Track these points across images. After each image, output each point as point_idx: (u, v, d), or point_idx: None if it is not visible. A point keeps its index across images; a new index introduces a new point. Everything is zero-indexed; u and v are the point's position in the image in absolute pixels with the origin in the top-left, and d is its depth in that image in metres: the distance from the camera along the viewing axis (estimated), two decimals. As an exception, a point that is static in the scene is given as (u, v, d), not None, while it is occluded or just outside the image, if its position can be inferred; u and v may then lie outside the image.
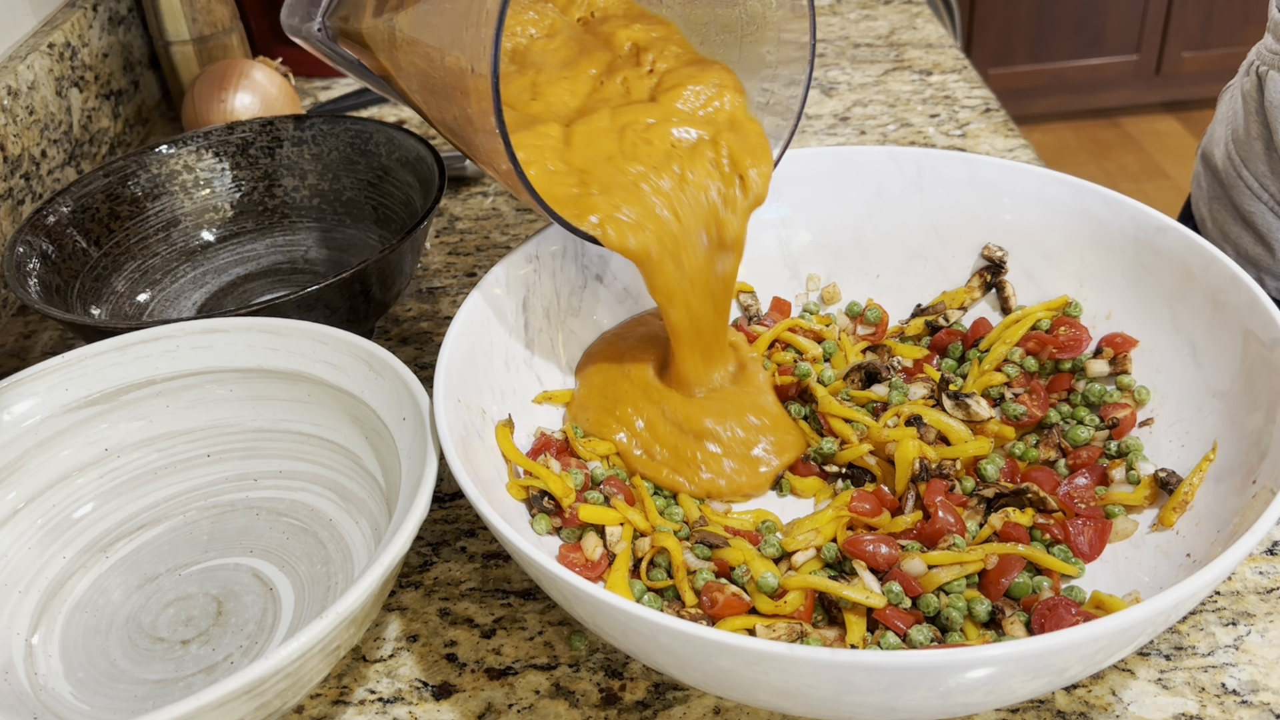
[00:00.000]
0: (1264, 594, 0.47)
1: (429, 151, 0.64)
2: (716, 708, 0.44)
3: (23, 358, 0.68)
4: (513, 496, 0.48)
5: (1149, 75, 2.58)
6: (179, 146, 0.68)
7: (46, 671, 0.45)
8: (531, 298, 0.54)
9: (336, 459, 0.52)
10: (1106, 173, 2.48)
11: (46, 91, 0.78)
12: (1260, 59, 0.77)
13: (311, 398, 0.52)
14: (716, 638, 0.34)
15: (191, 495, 0.52)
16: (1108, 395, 0.52)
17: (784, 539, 0.47)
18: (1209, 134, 0.86)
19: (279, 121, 0.70)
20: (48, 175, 0.77)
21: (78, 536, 0.50)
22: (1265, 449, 0.43)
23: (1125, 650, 0.37)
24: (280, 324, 0.51)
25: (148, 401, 0.52)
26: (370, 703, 0.45)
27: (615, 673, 0.45)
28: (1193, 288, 0.51)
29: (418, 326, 0.68)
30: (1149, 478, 0.48)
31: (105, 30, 0.88)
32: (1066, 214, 0.56)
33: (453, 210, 0.80)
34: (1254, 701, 0.42)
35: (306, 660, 0.37)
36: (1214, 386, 0.48)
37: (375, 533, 0.48)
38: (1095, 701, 0.43)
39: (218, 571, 0.49)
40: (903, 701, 0.35)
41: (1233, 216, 0.81)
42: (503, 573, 0.51)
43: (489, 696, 0.45)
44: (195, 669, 0.45)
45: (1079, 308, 0.56)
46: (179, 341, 0.52)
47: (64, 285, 0.61)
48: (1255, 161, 0.77)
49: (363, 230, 0.69)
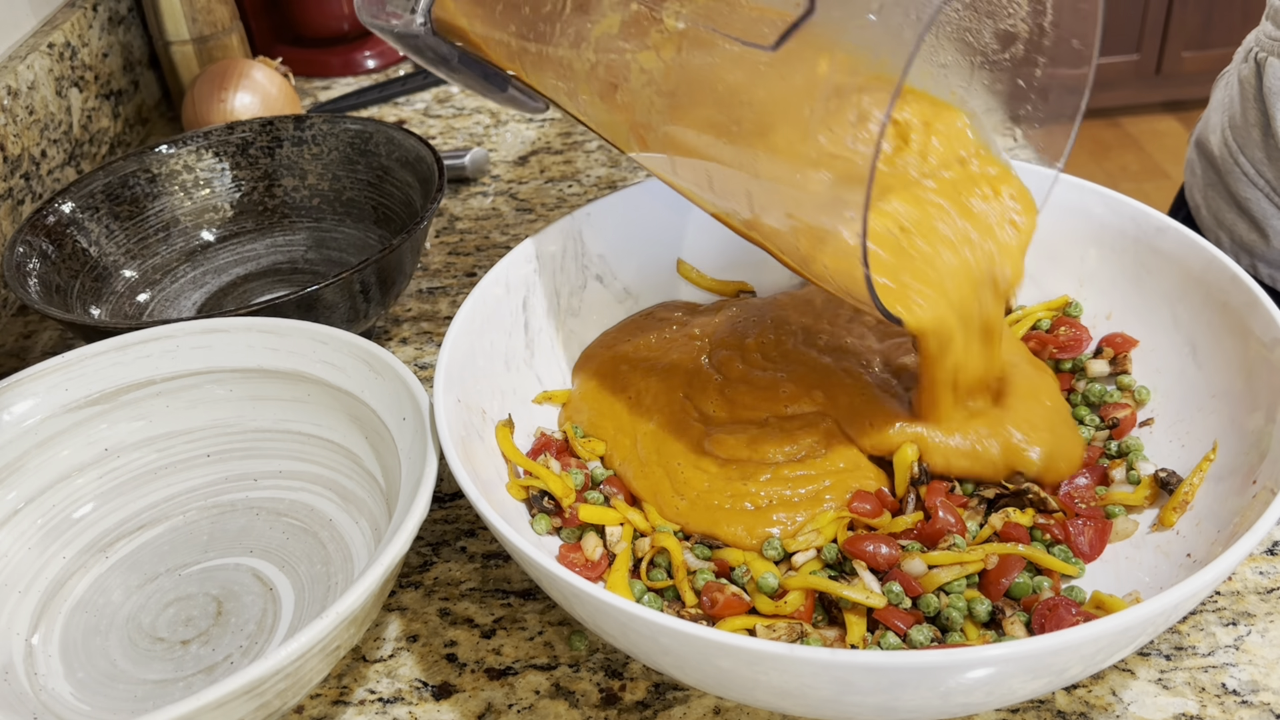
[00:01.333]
0: (1264, 594, 0.47)
1: (429, 151, 0.64)
2: (716, 708, 0.44)
3: (23, 358, 0.68)
4: (513, 496, 0.48)
5: (1149, 75, 2.58)
6: (179, 146, 0.68)
7: (46, 672, 0.45)
8: (531, 298, 0.54)
9: (336, 459, 0.52)
10: (1107, 173, 2.48)
11: (46, 91, 0.78)
12: (1259, 45, 0.76)
13: (311, 398, 0.52)
14: (716, 638, 0.34)
15: (191, 495, 0.52)
16: (1108, 395, 0.52)
17: (784, 539, 0.47)
18: (1203, 121, 0.86)
19: (279, 121, 0.70)
20: (48, 175, 0.77)
21: (77, 537, 0.50)
22: (1265, 449, 0.43)
23: (1125, 650, 0.37)
24: (280, 324, 0.51)
25: (147, 401, 0.52)
26: (370, 703, 0.45)
27: (615, 673, 0.45)
28: (1193, 288, 0.51)
29: (418, 326, 0.68)
30: (1149, 478, 0.48)
31: (105, 30, 0.88)
32: (1067, 214, 0.56)
33: (453, 210, 0.80)
34: (1254, 702, 0.42)
35: (306, 660, 0.37)
36: (1214, 386, 0.48)
37: (375, 533, 0.48)
38: (1095, 702, 0.43)
39: (217, 571, 0.49)
40: (903, 702, 0.35)
41: (1228, 203, 0.81)
42: (503, 573, 0.51)
43: (489, 697, 0.45)
44: (195, 669, 0.45)
45: (1079, 308, 0.56)
46: (179, 341, 0.52)
47: (64, 285, 0.61)
48: (1252, 148, 0.77)
49: (363, 230, 0.69)
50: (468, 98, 0.96)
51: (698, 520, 0.48)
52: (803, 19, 0.37)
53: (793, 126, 0.38)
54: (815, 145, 0.37)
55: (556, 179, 0.83)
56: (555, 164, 0.85)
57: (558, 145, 0.87)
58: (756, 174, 0.39)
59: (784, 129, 0.38)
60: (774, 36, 0.38)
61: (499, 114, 0.93)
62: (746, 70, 0.39)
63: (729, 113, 0.39)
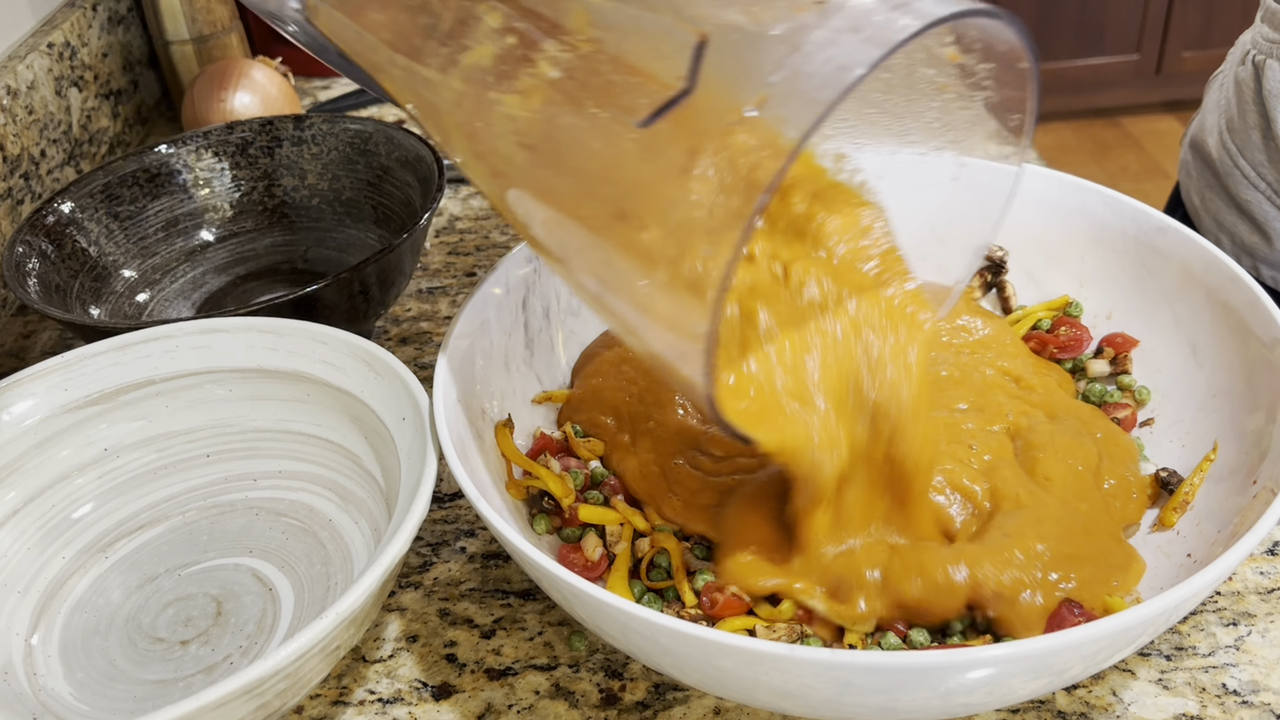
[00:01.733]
0: (1265, 594, 0.47)
1: (429, 151, 0.64)
2: (716, 708, 0.44)
3: (22, 358, 0.68)
4: (513, 496, 0.48)
5: (1149, 75, 2.58)
6: (178, 146, 0.68)
7: (46, 672, 0.45)
8: (531, 298, 0.54)
9: (336, 459, 0.51)
10: (1107, 172, 2.48)
11: (46, 91, 0.78)
12: (1256, 47, 0.76)
13: (311, 398, 0.52)
14: (716, 638, 0.34)
15: (191, 495, 0.52)
16: (1108, 395, 0.52)
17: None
18: (1198, 122, 0.85)
19: (278, 121, 0.70)
20: (47, 175, 0.77)
21: (77, 537, 0.50)
22: (1266, 449, 0.43)
23: (1126, 651, 0.37)
24: (280, 324, 0.51)
25: (147, 401, 0.52)
26: (370, 703, 0.45)
27: (615, 673, 0.45)
28: (1193, 287, 0.50)
29: (418, 326, 0.68)
30: (1150, 477, 0.48)
31: (105, 30, 0.88)
32: (1067, 214, 0.56)
33: (453, 210, 0.80)
34: (1255, 702, 0.42)
35: (306, 661, 0.37)
36: (1215, 386, 0.48)
37: (375, 533, 0.48)
38: (1096, 702, 0.43)
39: (217, 572, 0.49)
40: (903, 702, 0.35)
41: (1228, 205, 0.80)
42: (503, 573, 0.51)
43: (489, 697, 0.45)
44: (195, 669, 0.45)
45: (1079, 308, 0.55)
46: (178, 341, 0.52)
47: (63, 285, 0.61)
48: (1252, 150, 0.77)
49: (362, 230, 0.69)
50: (467, 97, 0.96)
51: (693, 520, 0.48)
52: (678, 98, 0.33)
53: (651, 219, 0.33)
54: (669, 247, 0.32)
55: (556, 179, 0.82)
56: (555, 164, 0.84)
57: (558, 145, 0.87)
58: (607, 261, 0.35)
59: (641, 219, 0.34)
60: (646, 112, 0.33)
61: (499, 114, 0.93)
62: (611, 143, 0.34)
63: (585, 184, 0.36)
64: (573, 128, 0.35)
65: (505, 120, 0.37)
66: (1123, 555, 0.43)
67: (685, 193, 0.32)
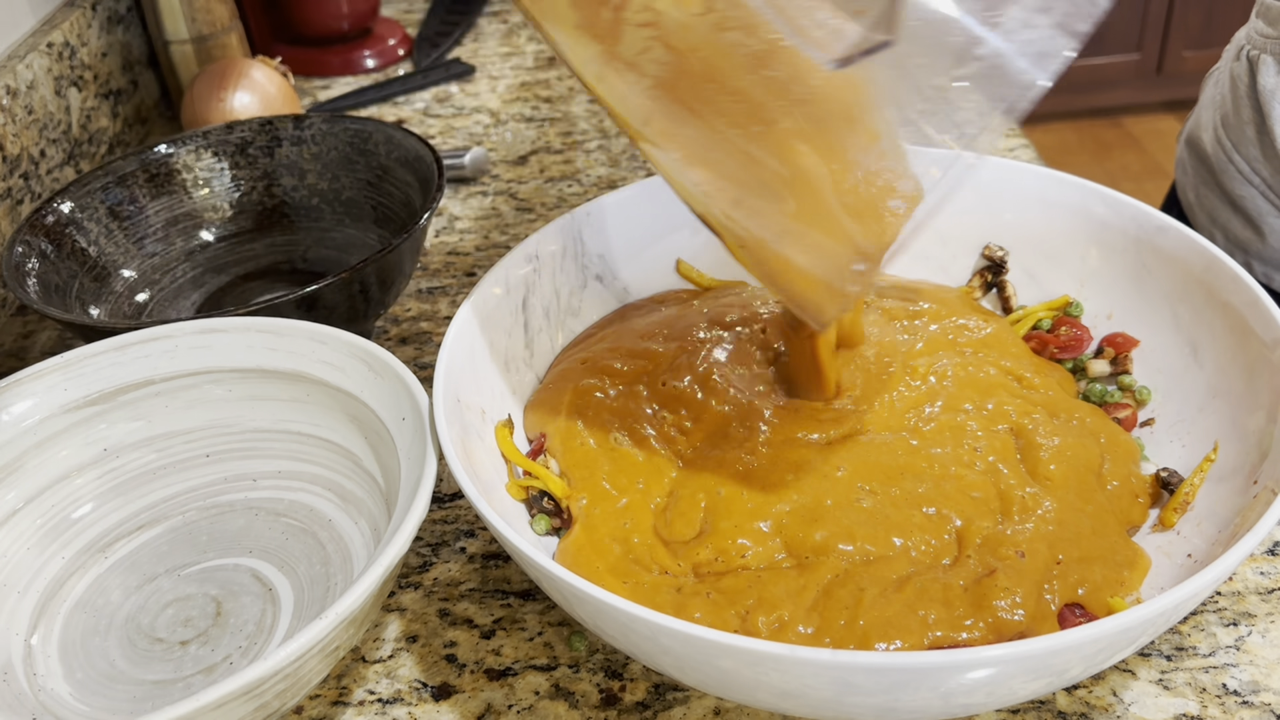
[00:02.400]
0: (1265, 594, 0.47)
1: (428, 151, 0.64)
2: (716, 708, 0.44)
3: (21, 358, 0.68)
4: (512, 496, 0.48)
5: (1150, 74, 2.58)
6: (178, 146, 0.68)
7: (45, 672, 0.45)
8: (531, 298, 0.54)
9: (335, 459, 0.51)
10: (1108, 172, 2.48)
11: (45, 91, 0.78)
12: (1250, 42, 0.76)
13: (310, 398, 0.51)
14: (717, 638, 0.34)
15: (190, 495, 0.52)
16: (1109, 395, 0.52)
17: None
18: (1194, 119, 0.85)
19: (278, 121, 0.70)
20: (47, 175, 0.77)
21: (77, 537, 0.50)
22: (1266, 449, 0.43)
23: (1126, 651, 0.37)
24: (279, 324, 0.51)
25: (146, 401, 0.52)
26: (370, 703, 0.45)
27: (615, 673, 0.45)
28: (1194, 287, 0.50)
29: (418, 326, 0.68)
30: (1150, 477, 0.48)
31: (104, 30, 0.88)
32: (1067, 214, 0.56)
33: (453, 210, 0.80)
34: (1255, 702, 0.42)
35: (306, 661, 0.37)
36: (1215, 386, 0.48)
37: (375, 533, 0.48)
38: (1096, 702, 0.43)
39: (217, 572, 0.49)
40: (904, 702, 0.35)
41: (1222, 201, 0.80)
42: (502, 573, 0.50)
43: (489, 697, 0.45)
44: (194, 670, 0.45)
45: (1080, 307, 0.55)
46: (178, 341, 0.51)
47: (63, 285, 0.60)
48: (1246, 145, 0.77)
49: (362, 230, 0.69)
50: (467, 97, 0.96)
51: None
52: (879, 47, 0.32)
53: (832, 159, 0.33)
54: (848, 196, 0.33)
55: (556, 179, 0.82)
56: (555, 163, 0.85)
57: (557, 145, 0.87)
58: (753, 186, 0.35)
59: (820, 157, 0.34)
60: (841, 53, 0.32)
61: (499, 113, 0.93)
62: (788, 70, 0.34)
63: (744, 106, 0.34)
64: (737, 45, 0.34)
65: (646, 12, 0.35)
66: (1129, 553, 0.44)
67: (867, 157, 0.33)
